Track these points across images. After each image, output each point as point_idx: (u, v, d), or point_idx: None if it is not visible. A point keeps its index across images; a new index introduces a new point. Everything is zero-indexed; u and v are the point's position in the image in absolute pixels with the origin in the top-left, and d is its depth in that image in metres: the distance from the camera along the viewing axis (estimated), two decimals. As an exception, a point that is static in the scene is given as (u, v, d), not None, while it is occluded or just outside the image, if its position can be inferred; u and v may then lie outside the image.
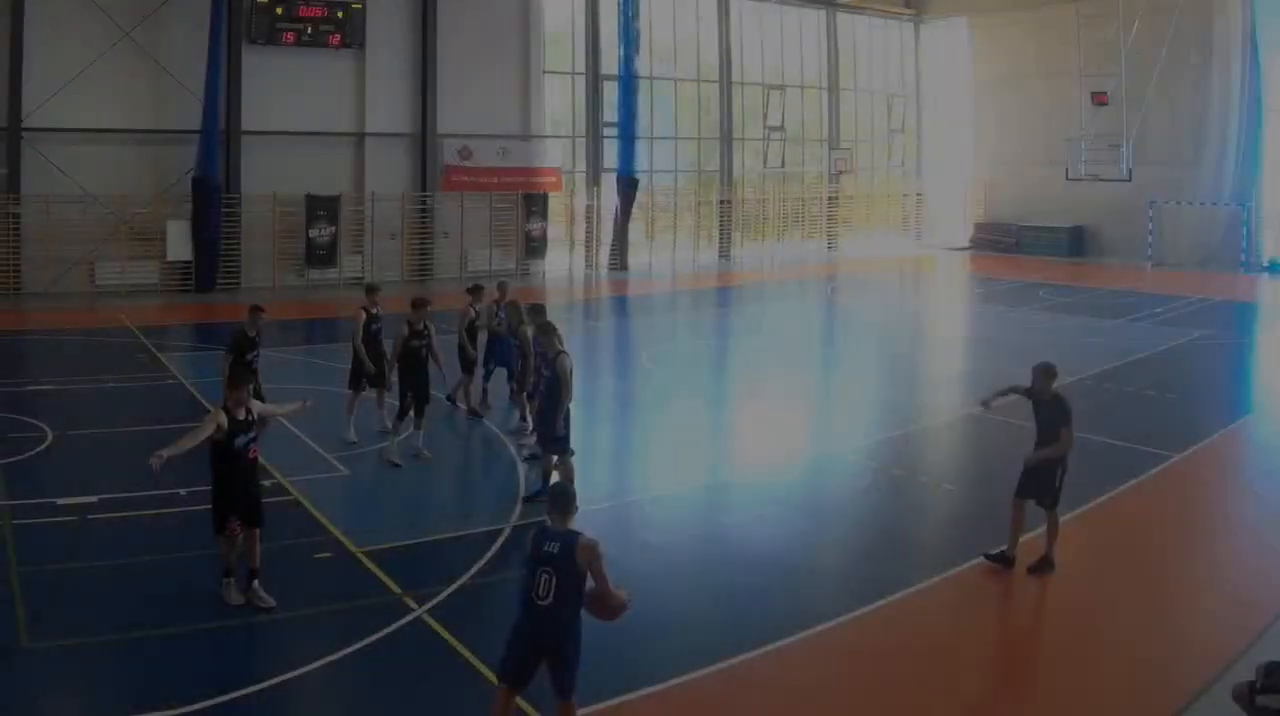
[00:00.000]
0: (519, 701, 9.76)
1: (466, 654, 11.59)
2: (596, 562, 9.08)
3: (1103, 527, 16.37)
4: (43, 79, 37.73)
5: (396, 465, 18.43)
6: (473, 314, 21.85)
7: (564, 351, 16.70)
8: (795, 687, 11.32)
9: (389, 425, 19.54)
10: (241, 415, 12.58)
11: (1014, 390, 15.01)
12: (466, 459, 20.61)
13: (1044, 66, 56.49)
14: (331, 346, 29.42)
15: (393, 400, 19.77)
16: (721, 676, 11.34)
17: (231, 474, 12.52)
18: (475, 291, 22.21)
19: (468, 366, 21.89)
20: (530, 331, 18.92)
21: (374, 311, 20.13)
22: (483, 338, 22.26)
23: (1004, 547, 14.40)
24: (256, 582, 12.77)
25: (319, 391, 19.88)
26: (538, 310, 19.45)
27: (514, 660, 9.30)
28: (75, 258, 38.72)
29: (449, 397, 22.39)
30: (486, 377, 22.48)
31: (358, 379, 20.07)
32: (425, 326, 19.05)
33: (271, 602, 12.68)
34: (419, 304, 19.16)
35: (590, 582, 9.20)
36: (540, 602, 9.03)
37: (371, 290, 20.91)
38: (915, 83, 64.42)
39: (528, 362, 19.18)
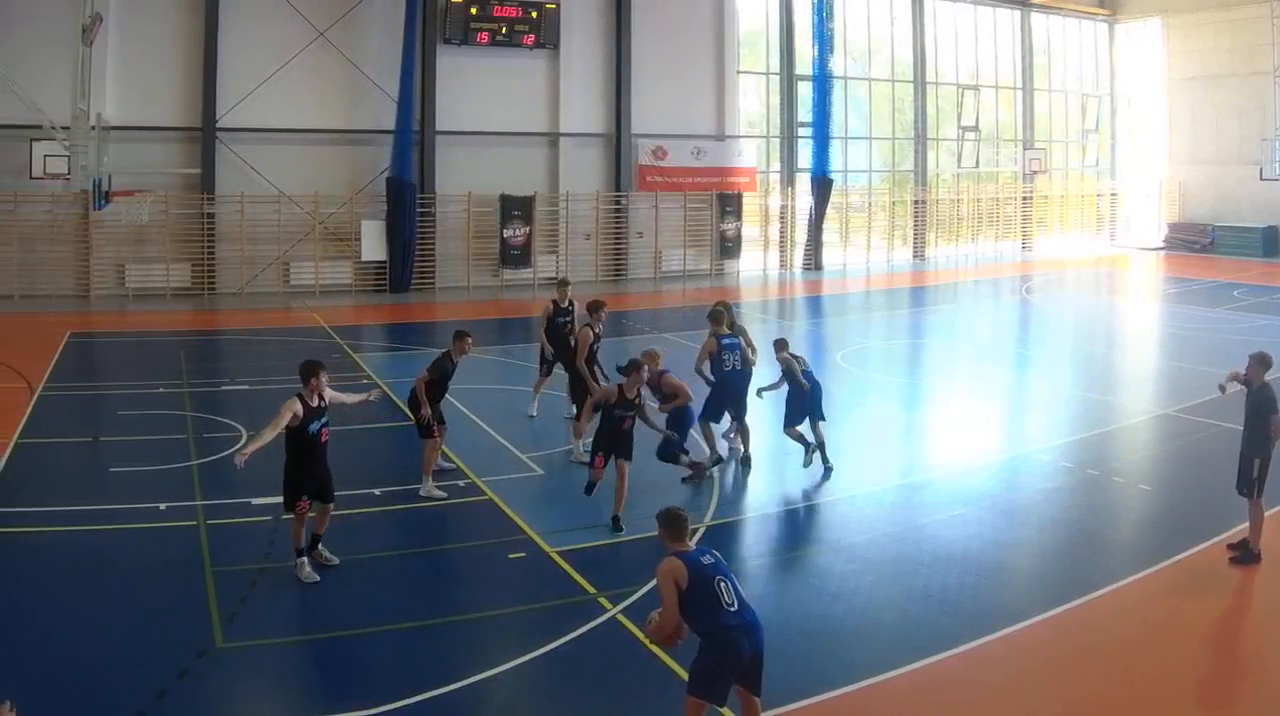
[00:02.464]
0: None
1: (660, 653, 10.14)
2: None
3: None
4: (236, 79, 34.52)
5: (586, 463, 16.35)
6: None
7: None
8: (989, 687, 10.39)
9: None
10: (315, 402, 12.19)
11: (1235, 377, 13.99)
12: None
13: (1239, 66, 50.73)
14: (526, 346, 26.93)
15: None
16: (917, 676, 10.40)
17: (307, 457, 12.16)
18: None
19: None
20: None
21: (563, 304, 19.22)
22: None
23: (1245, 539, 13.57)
24: (320, 545, 12.50)
25: (513, 392, 19.21)
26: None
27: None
28: (269, 258, 35.33)
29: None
30: None
31: (543, 364, 19.54)
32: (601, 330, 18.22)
33: (335, 560, 12.45)
34: (596, 306, 18.07)
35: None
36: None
37: (562, 284, 19.95)
38: (1110, 82, 57.42)
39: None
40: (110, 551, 13.20)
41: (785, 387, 16.88)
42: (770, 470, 17.16)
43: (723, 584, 8.17)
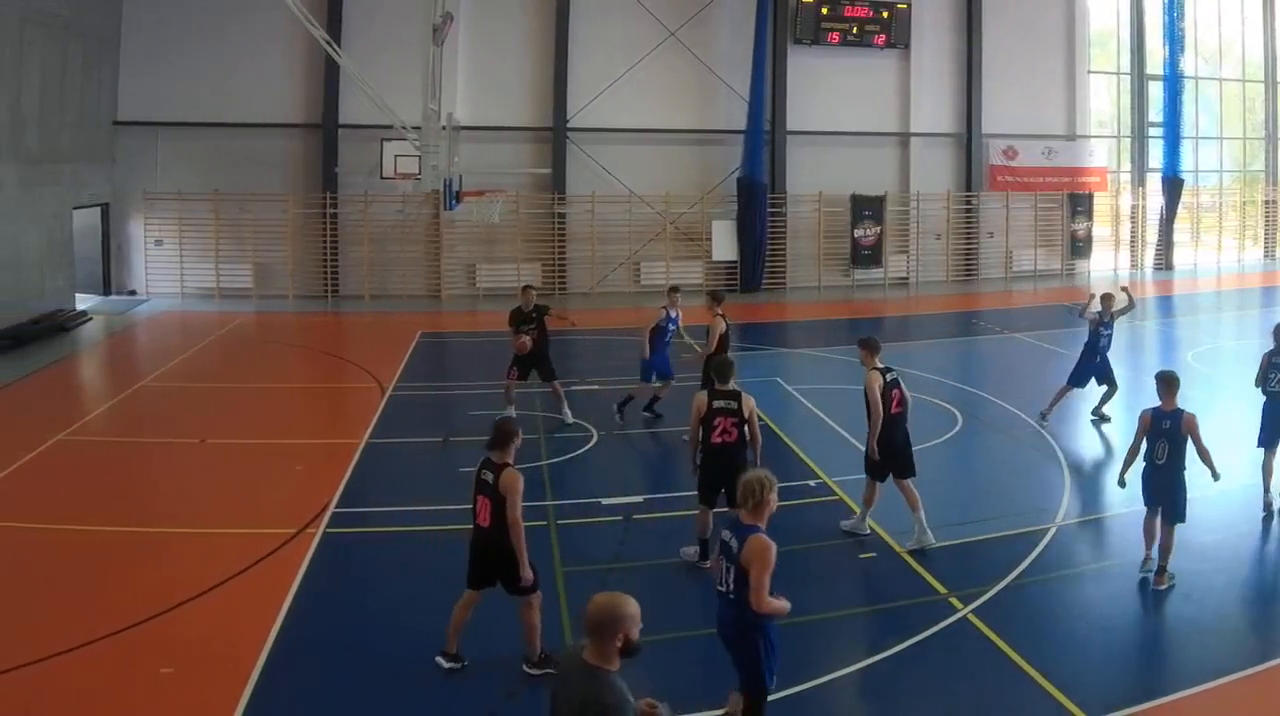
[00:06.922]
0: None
1: (1012, 654, 7.69)
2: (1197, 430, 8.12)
3: None
4: (587, 79, 26.34)
5: None
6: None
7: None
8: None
9: None
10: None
11: None
12: (1010, 458, 13.60)
13: None
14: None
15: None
16: (1264, 678, 7.53)
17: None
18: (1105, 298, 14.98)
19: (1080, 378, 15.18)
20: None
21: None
22: None
23: None
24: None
25: (859, 392, 12.12)
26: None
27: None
28: (620, 257, 26.78)
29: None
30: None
31: None
32: None
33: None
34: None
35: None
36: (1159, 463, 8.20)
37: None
38: None
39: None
40: (460, 552, 8.88)
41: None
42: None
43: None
